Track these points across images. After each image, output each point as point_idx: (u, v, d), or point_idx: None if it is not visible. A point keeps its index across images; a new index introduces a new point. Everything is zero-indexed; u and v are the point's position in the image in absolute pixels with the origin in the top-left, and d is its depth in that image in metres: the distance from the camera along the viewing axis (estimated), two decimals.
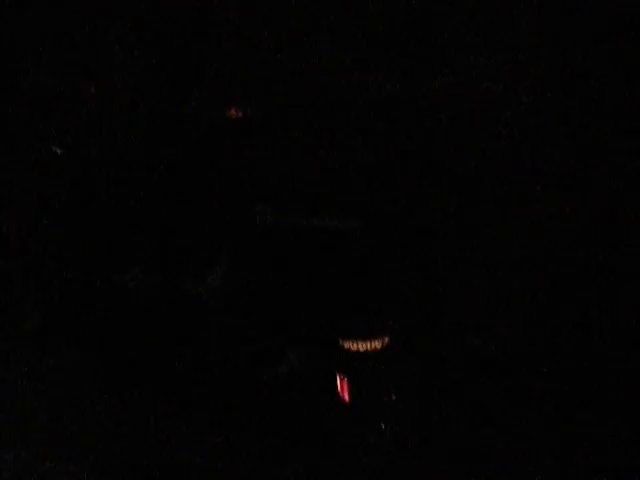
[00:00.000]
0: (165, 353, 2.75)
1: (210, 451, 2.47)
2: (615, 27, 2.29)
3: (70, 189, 3.21)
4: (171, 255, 2.77)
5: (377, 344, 2.12)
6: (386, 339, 2.14)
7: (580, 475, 2.08)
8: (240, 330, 2.64)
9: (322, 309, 2.56)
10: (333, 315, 2.40)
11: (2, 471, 2.48)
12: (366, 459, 2.19)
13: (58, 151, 3.31)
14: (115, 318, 2.85)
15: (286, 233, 2.72)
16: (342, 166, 2.77)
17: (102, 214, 3.08)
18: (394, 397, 2.15)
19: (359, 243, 2.57)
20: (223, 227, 2.76)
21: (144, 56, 3.13)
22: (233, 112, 2.94)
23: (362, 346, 2.12)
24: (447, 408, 2.35)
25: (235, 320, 2.65)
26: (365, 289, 2.48)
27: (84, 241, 3.12)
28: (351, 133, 2.77)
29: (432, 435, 2.27)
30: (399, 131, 2.65)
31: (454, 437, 2.28)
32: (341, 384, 2.13)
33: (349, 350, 2.13)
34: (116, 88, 3.20)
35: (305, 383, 2.48)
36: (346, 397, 2.13)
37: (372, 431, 2.18)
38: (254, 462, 2.34)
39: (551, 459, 2.20)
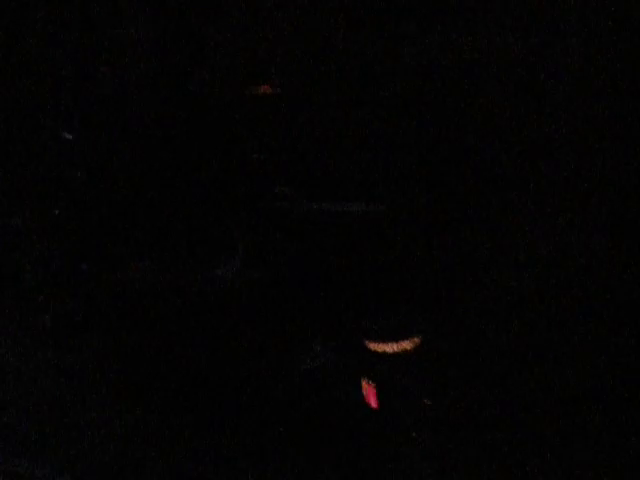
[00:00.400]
0: (180, 349, 2.57)
1: (226, 452, 2.29)
2: None
3: (80, 175, 3.06)
4: (182, 246, 2.57)
5: (407, 345, 1.89)
6: (417, 339, 1.90)
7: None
8: (259, 324, 2.43)
9: (345, 303, 2.34)
10: (357, 312, 2.18)
11: None
12: (397, 473, 1.96)
13: (68, 136, 3.18)
14: (126, 315, 2.67)
15: (307, 218, 2.51)
16: (368, 148, 2.55)
17: (112, 202, 2.91)
18: (428, 402, 1.92)
19: (384, 229, 2.34)
20: (239, 213, 2.54)
21: (154, 36, 2.96)
22: (261, 89, 2.76)
23: (390, 347, 1.89)
24: (488, 415, 2.11)
25: (253, 313, 2.44)
26: (392, 281, 2.25)
27: (93, 232, 2.97)
28: (378, 113, 2.55)
29: (471, 445, 2.04)
30: (428, 113, 2.43)
31: (496, 447, 2.05)
32: (368, 390, 1.91)
33: (376, 352, 1.90)
34: (127, 70, 3.04)
35: (331, 384, 2.27)
36: (373, 404, 1.91)
37: (403, 441, 1.95)
38: (272, 468, 2.14)
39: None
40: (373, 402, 1.91)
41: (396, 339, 1.88)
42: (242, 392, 2.47)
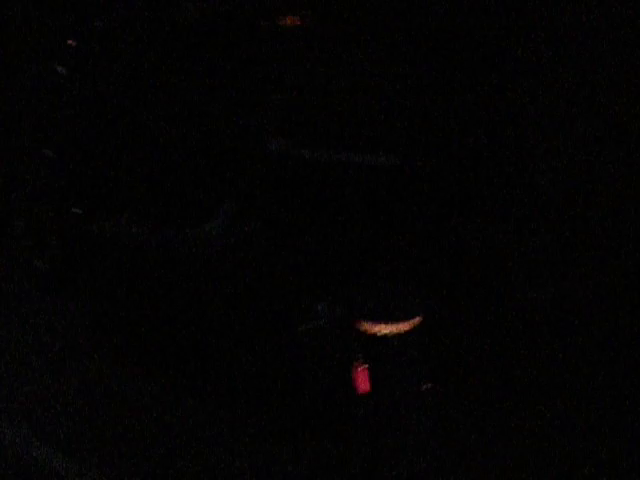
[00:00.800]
0: (167, 305, 2.39)
1: (212, 423, 2.14)
2: None
3: (72, 113, 2.87)
4: (168, 197, 2.35)
5: (405, 326, 1.68)
6: (417, 320, 1.70)
7: None
8: (250, 283, 2.23)
9: (346, 263, 2.13)
10: (357, 276, 1.96)
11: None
12: (392, 464, 1.77)
13: (62, 71, 3.01)
14: (113, 266, 2.49)
15: (310, 168, 2.28)
16: (388, 94, 2.30)
17: (102, 146, 2.72)
18: (428, 386, 1.72)
19: (394, 184, 2.11)
20: (232, 161, 2.31)
21: None
22: (289, 20, 2.52)
23: (387, 328, 1.68)
24: (491, 400, 1.91)
25: (244, 271, 2.24)
26: (394, 246, 2.03)
27: (85, 176, 2.79)
28: (400, 63, 2.29)
29: (474, 432, 1.85)
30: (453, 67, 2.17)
31: (500, 434, 1.86)
32: (359, 373, 1.71)
33: (369, 333, 1.70)
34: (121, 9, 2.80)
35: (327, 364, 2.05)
36: (365, 388, 1.71)
37: (399, 429, 1.75)
38: (262, 447, 1.98)
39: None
40: (364, 386, 1.71)
41: (394, 320, 1.68)
42: (233, 352, 2.30)
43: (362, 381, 1.70)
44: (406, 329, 1.68)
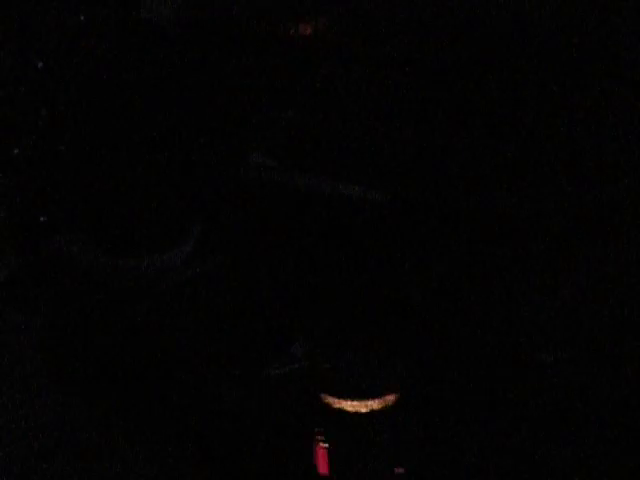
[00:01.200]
0: (117, 343, 2.15)
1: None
2: None
3: (45, 113, 2.66)
4: (122, 219, 2.11)
5: (375, 404, 1.43)
6: (391, 397, 1.45)
7: None
8: (211, 324, 1.99)
9: (322, 303, 1.89)
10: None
11: None
12: None
13: (39, 65, 2.82)
14: (63, 291, 2.26)
15: (288, 196, 2.05)
16: (379, 116, 2.07)
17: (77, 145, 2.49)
18: (401, 472, 1.47)
19: (378, 224, 1.87)
20: (200, 183, 2.06)
21: None
22: (304, 28, 2.29)
23: (353, 406, 1.43)
24: None
25: (205, 310, 1.99)
26: (374, 301, 1.78)
27: (52, 181, 2.57)
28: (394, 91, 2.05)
29: None
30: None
31: None
32: (318, 451, 1.46)
33: (332, 408, 1.45)
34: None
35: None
36: (324, 469, 1.46)
37: None
38: None
39: None
40: (322, 467, 1.47)
41: (362, 396, 1.43)
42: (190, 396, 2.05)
43: (321, 461, 1.45)
44: (376, 407, 1.43)
